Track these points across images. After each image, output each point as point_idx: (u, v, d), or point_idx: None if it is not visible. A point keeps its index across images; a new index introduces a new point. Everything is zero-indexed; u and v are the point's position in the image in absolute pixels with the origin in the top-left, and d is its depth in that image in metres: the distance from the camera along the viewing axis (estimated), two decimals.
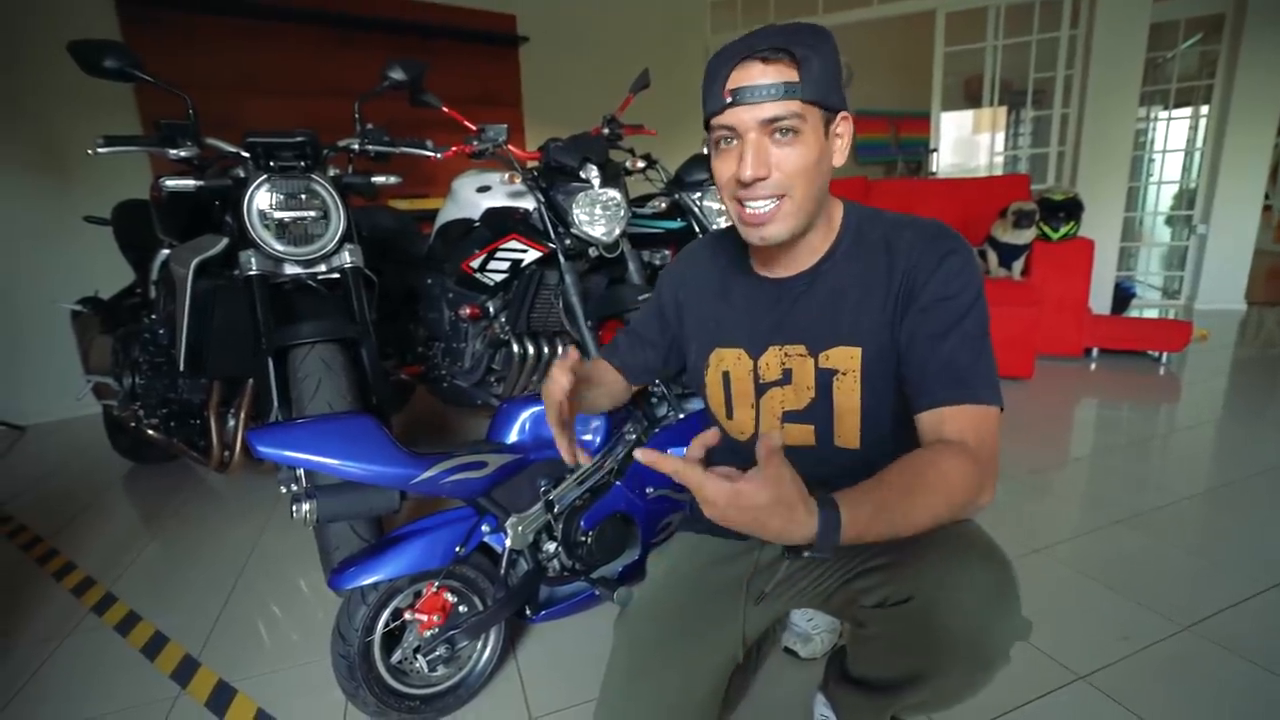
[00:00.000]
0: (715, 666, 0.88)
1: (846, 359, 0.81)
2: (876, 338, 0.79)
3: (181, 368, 1.59)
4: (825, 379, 0.82)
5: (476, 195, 2.00)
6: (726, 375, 0.90)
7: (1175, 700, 1.10)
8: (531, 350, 2.01)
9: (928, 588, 0.71)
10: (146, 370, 1.89)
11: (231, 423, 1.76)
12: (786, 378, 0.85)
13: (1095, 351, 3.34)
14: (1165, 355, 3.22)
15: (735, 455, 0.93)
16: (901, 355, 0.78)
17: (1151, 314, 4.50)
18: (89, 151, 1.40)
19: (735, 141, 0.74)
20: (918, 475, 0.65)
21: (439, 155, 1.81)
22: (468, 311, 1.96)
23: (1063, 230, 3.20)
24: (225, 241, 1.53)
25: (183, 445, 1.85)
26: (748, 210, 0.76)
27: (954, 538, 0.73)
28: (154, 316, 1.88)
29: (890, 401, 0.81)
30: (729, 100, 0.72)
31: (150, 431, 1.93)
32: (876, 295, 0.79)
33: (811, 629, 1.24)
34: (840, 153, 0.77)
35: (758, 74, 0.72)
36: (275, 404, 1.38)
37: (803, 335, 0.83)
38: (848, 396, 0.82)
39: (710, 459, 0.98)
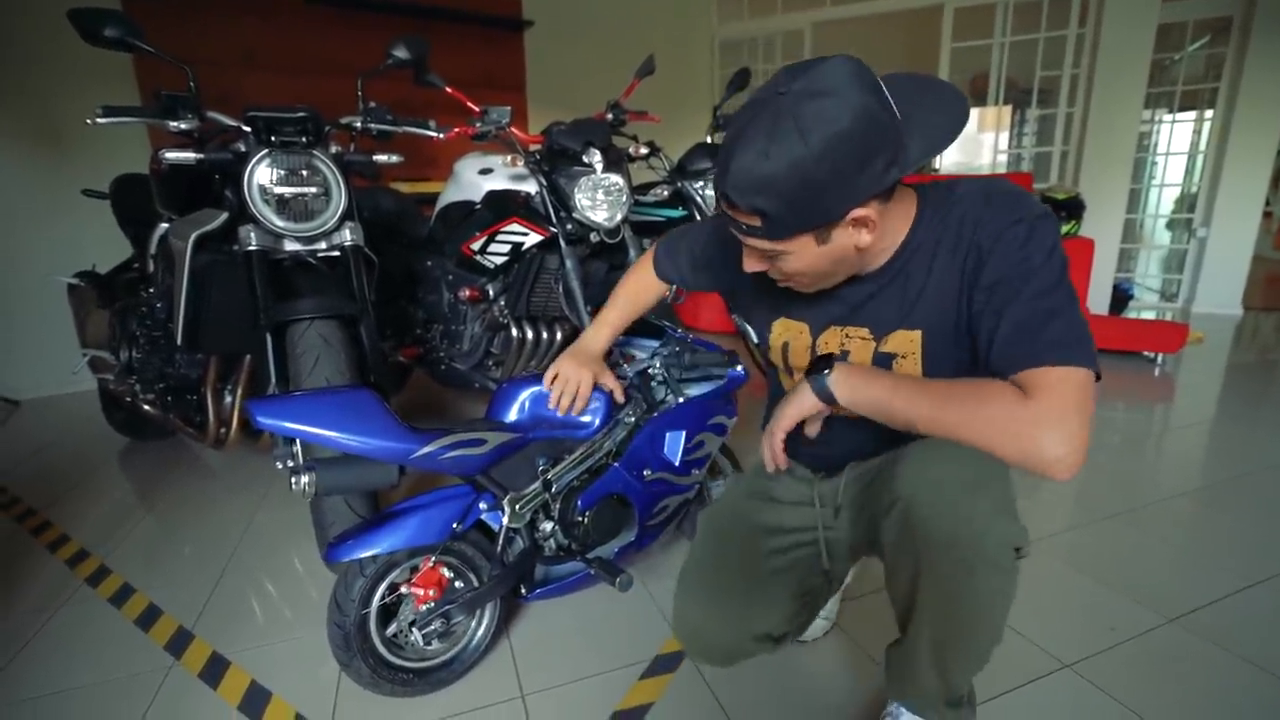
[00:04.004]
0: (799, 561, 0.95)
1: (906, 342, 0.81)
2: (940, 317, 0.79)
3: (179, 342, 1.58)
4: (884, 362, 0.84)
5: (478, 177, 2.00)
6: (787, 346, 0.94)
7: (1158, 689, 1.12)
8: (530, 335, 2.01)
9: (911, 485, 0.71)
10: (143, 344, 1.88)
11: (228, 399, 1.76)
12: (843, 357, 0.87)
13: None
14: (1161, 356, 3.24)
15: None
16: (972, 330, 0.77)
17: (1149, 316, 4.52)
18: (88, 121, 1.39)
19: None
20: (951, 383, 0.73)
21: (441, 135, 1.80)
22: (467, 294, 1.96)
23: (1064, 229, 3.20)
24: (225, 216, 1.52)
25: (179, 421, 1.85)
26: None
27: (937, 444, 0.72)
28: (151, 291, 1.87)
29: (952, 376, 0.78)
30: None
31: (146, 406, 1.93)
32: (941, 272, 0.78)
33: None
34: (869, 232, 0.73)
35: (729, 209, 0.74)
36: (273, 379, 1.38)
37: (869, 320, 0.84)
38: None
39: (770, 407, 1.05)
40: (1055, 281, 0.72)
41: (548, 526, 1.20)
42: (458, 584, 1.13)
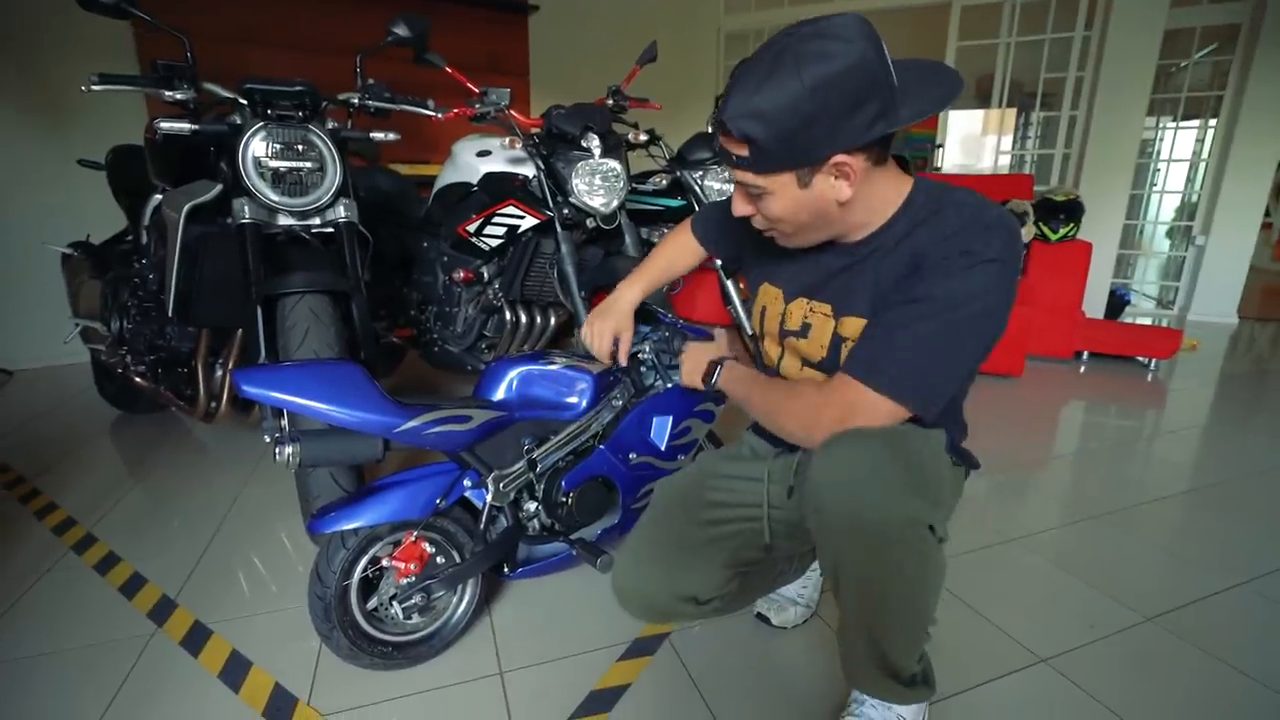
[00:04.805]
0: (737, 533, 0.98)
1: (855, 329, 0.84)
2: (876, 308, 0.82)
3: (170, 314, 1.58)
4: (837, 343, 0.86)
5: (476, 159, 1.99)
6: (764, 310, 0.98)
7: (1132, 685, 1.13)
8: (524, 318, 2.01)
9: (820, 473, 0.74)
10: (135, 315, 1.88)
11: (219, 373, 1.76)
12: (804, 331, 0.90)
13: (1085, 355, 3.37)
14: (1154, 362, 3.25)
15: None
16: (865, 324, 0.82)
17: (1145, 322, 4.53)
18: (83, 88, 1.38)
19: None
20: (787, 384, 0.91)
21: (440, 115, 1.79)
22: (461, 275, 1.95)
23: (1062, 231, 3.20)
24: (219, 188, 1.52)
25: (169, 393, 1.85)
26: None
27: (851, 431, 0.75)
28: (144, 262, 1.87)
29: None
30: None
31: (137, 378, 1.93)
32: (895, 272, 0.80)
33: (797, 595, 1.26)
34: (848, 185, 0.75)
35: (723, 140, 0.77)
36: (262, 352, 1.37)
37: (834, 297, 0.87)
38: None
39: None
40: (943, 324, 0.74)
41: (531, 506, 1.20)
42: (439, 560, 1.13)
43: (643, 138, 2.10)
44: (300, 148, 1.46)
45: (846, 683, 0.94)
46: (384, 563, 1.09)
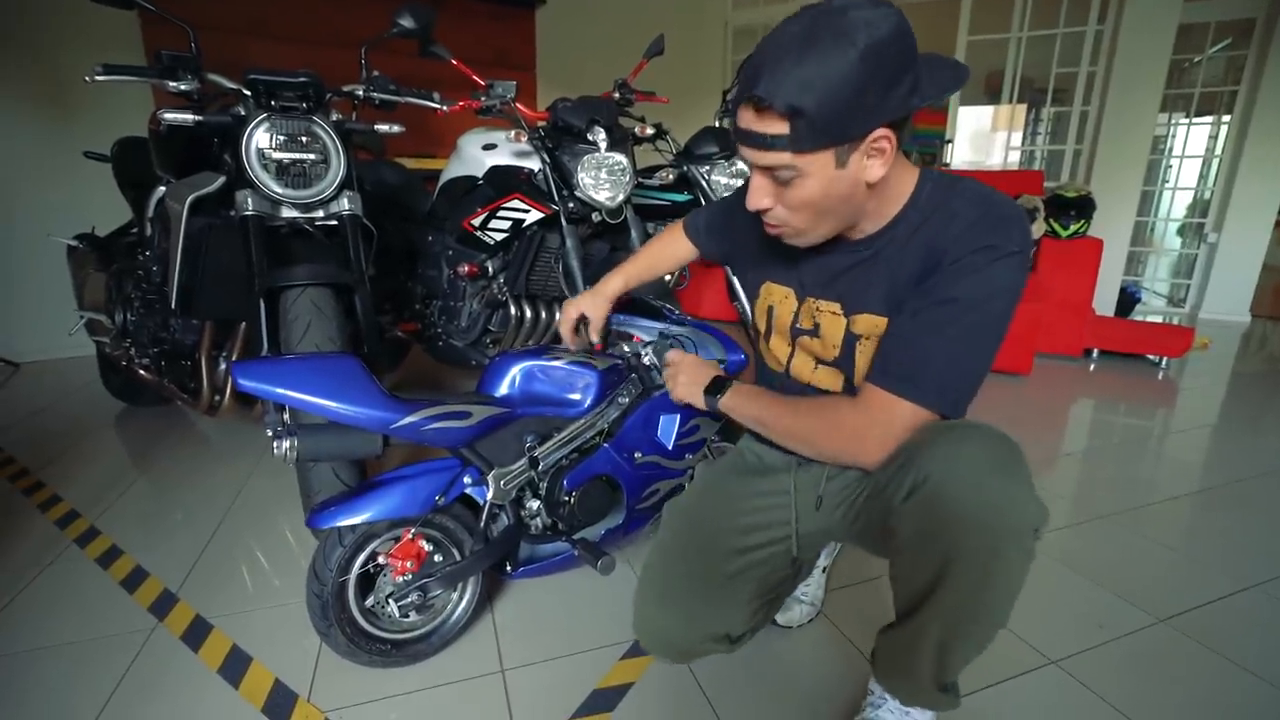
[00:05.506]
0: (767, 559, 0.94)
1: (872, 326, 0.82)
2: (897, 305, 0.81)
3: (173, 306, 1.57)
4: (851, 341, 0.85)
5: (482, 153, 1.97)
6: (771, 309, 0.95)
7: (1143, 688, 1.11)
8: (529, 313, 1.99)
9: (940, 465, 0.70)
10: (139, 308, 1.87)
11: (223, 366, 1.75)
12: (815, 331, 0.89)
13: (1095, 352, 3.33)
14: (1165, 360, 3.21)
15: (770, 381, 1.00)
16: (888, 324, 0.80)
17: (1156, 320, 4.48)
18: (86, 79, 1.37)
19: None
20: (810, 400, 0.88)
21: (445, 108, 1.77)
22: (466, 269, 1.94)
23: (1072, 228, 3.17)
24: (222, 180, 1.50)
25: (173, 386, 1.84)
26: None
27: (961, 425, 0.74)
28: (148, 254, 1.86)
29: None
30: (736, 139, 0.75)
31: (141, 371, 1.93)
32: (910, 259, 0.79)
33: (802, 594, 1.24)
34: (882, 164, 0.73)
35: (752, 120, 0.71)
36: (264, 345, 1.37)
37: (841, 295, 0.85)
38: (869, 361, 0.84)
39: (757, 381, 1.10)
40: (970, 325, 0.74)
41: (534, 504, 1.19)
42: (438, 557, 1.12)
43: (649, 132, 2.08)
44: (304, 139, 1.45)
45: (880, 680, 0.92)
46: (381, 560, 1.08)
